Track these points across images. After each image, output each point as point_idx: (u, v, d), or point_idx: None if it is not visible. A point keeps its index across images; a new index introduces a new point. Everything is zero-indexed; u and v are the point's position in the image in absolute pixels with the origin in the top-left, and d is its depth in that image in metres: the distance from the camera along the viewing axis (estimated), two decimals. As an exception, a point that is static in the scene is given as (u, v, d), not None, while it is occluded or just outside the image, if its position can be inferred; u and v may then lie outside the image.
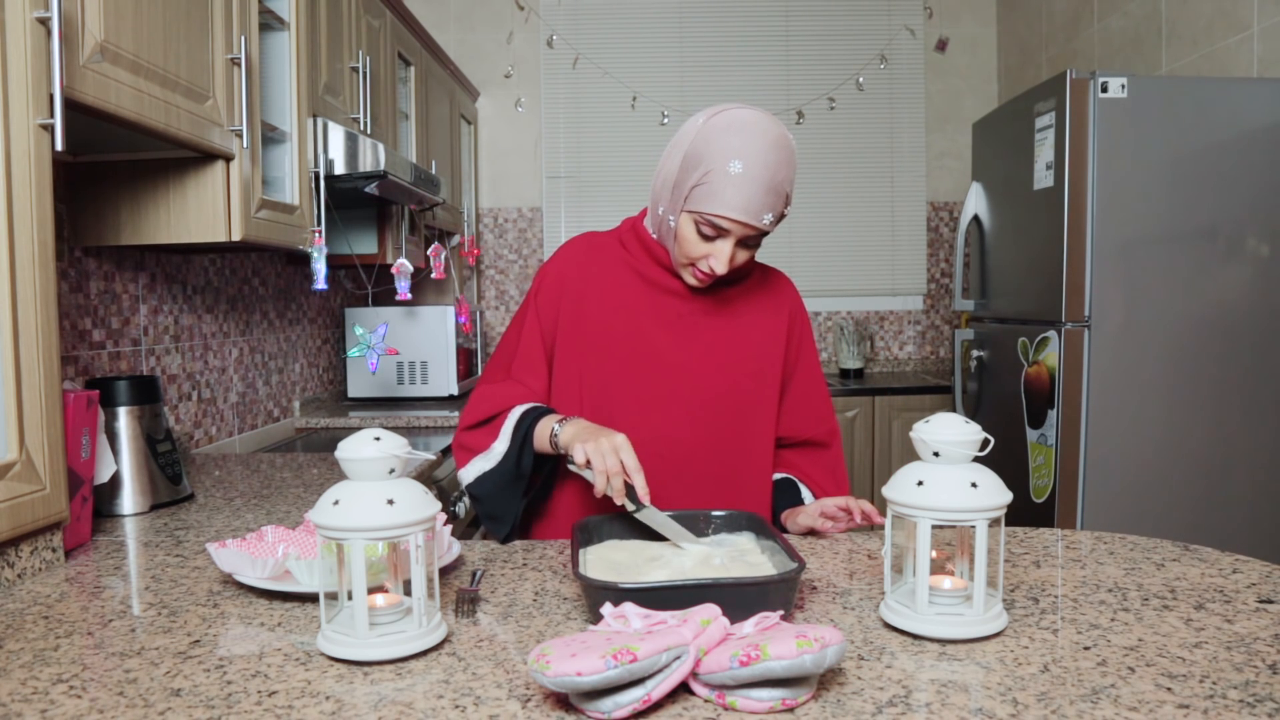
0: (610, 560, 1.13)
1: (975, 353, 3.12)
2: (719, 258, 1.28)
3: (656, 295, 1.39)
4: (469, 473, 1.36)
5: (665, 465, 1.36)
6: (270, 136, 2.04)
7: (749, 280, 1.45)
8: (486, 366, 1.45)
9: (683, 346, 1.38)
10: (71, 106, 1.31)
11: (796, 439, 1.48)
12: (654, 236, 1.39)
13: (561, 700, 0.80)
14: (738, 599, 0.94)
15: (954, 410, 2.99)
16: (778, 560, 1.08)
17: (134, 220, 1.84)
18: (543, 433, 1.29)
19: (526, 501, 1.37)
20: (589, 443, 1.18)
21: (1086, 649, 0.91)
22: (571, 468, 1.22)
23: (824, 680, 0.84)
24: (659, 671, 0.77)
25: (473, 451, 1.36)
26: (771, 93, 4.18)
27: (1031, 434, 2.67)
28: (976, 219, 3.11)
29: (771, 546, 1.12)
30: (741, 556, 1.13)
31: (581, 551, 1.10)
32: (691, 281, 1.35)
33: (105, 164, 1.82)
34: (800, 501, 1.44)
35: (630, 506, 1.18)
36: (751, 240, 1.29)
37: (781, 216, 1.29)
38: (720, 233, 1.26)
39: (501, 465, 1.32)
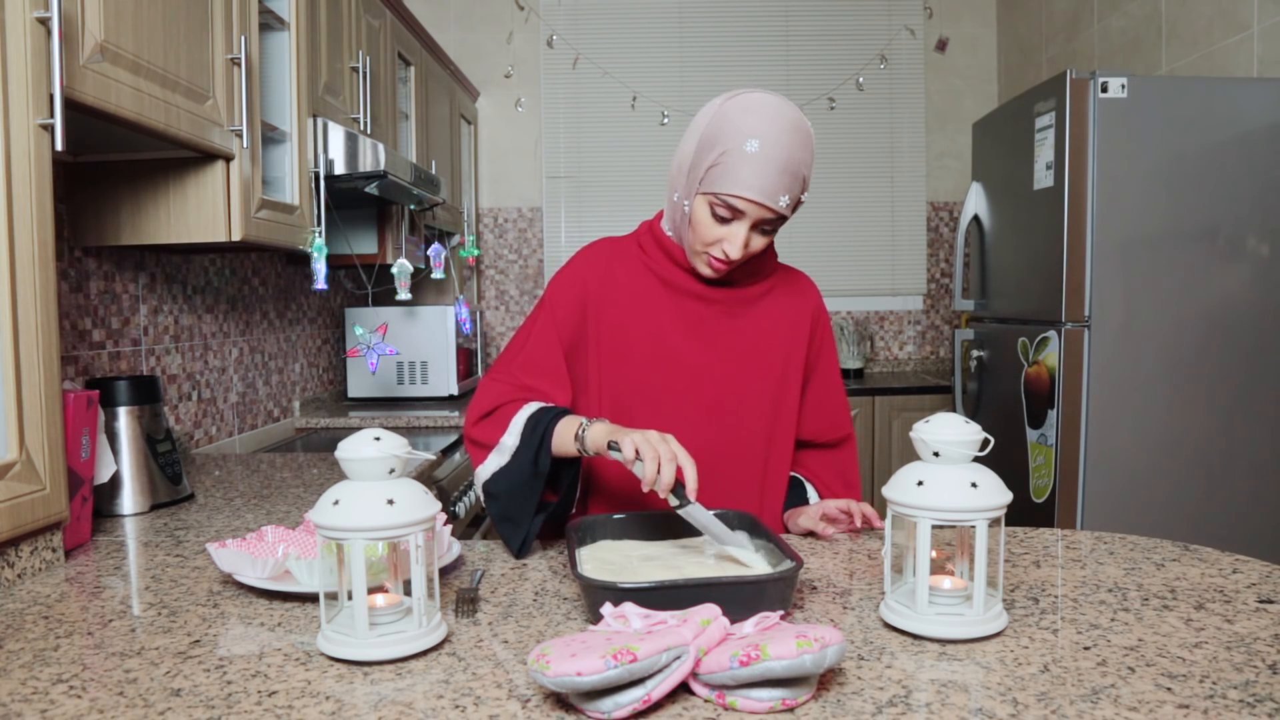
0: (604, 560, 1.13)
1: (975, 353, 3.12)
2: (733, 241, 1.25)
3: (676, 298, 1.37)
4: (485, 469, 1.30)
5: None
6: (270, 136, 2.04)
7: (771, 280, 1.41)
8: (492, 366, 1.39)
9: (703, 350, 1.36)
10: (71, 106, 1.31)
11: (811, 441, 1.47)
12: (671, 236, 1.36)
13: (561, 700, 0.80)
14: (736, 598, 0.94)
15: (954, 410, 2.99)
16: (773, 559, 1.08)
17: (134, 220, 1.84)
18: (566, 431, 1.21)
19: (544, 517, 1.28)
20: (635, 434, 1.11)
21: (1086, 649, 0.91)
22: (613, 455, 1.14)
23: (824, 680, 0.84)
24: (659, 671, 0.77)
25: (485, 447, 1.30)
26: (771, 93, 4.17)
27: (1031, 434, 2.67)
28: (976, 219, 3.11)
29: (766, 546, 1.12)
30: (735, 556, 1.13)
31: (576, 551, 1.10)
32: (706, 271, 1.31)
33: (105, 164, 1.82)
34: (806, 502, 1.44)
35: (674, 501, 1.12)
36: (767, 225, 1.26)
37: (798, 204, 1.27)
38: (735, 214, 1.24)
39: (516, 460, 1.25)
